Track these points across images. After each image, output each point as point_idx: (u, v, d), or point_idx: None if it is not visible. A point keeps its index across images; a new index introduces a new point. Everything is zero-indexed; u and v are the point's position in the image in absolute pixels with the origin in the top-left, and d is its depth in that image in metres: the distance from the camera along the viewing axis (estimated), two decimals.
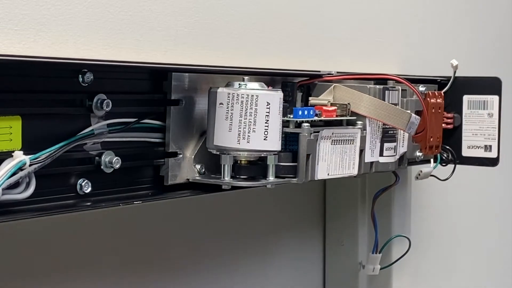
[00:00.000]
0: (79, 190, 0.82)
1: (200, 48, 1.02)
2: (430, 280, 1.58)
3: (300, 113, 0.94)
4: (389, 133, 1.07)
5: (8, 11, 0.81)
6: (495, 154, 1.24)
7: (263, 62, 1.11)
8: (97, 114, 0.82)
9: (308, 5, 1.20)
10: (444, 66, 1.24)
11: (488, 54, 1.71)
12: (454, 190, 1.58)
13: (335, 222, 1.36)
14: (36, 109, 0.77)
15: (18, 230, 0.90)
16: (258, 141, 0.87)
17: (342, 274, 1.36)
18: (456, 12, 1.60)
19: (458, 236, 1.66)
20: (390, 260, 1.31)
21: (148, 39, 0.95)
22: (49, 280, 0.95)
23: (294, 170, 0.94)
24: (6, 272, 0.91)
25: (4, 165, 0.73)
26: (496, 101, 1.24)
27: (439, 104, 1.19)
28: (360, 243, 1.34)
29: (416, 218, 1.44)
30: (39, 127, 0.78)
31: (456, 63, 1.22)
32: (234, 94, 0.87)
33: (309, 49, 1.20)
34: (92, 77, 0.80)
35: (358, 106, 1.01)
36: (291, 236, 1.31)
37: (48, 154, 0.76)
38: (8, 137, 0.75)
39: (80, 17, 0.88)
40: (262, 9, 1.11)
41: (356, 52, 1.30)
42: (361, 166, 1.03)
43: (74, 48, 0.87)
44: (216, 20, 1.04)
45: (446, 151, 1.25)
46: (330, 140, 0.97)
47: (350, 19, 1.28)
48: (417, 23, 1.46)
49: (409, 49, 1.43)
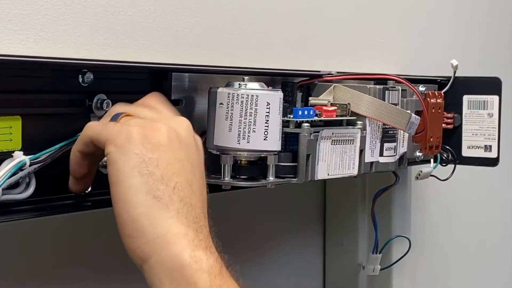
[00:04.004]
0: None
1: (200, 48, 1.02)
2: (430, 281, 1.58)
3: (300, 113, 0.94)
4: (389, 133, 1.07)
5: (8, 11, 0.81)
6: (495, 154, 1.24)
7: (263, 62, 1.11)
8: (97, 114, 0.82)
9: (308, 5, 1.20)
10: (444, 66, 1.24)
11: (488, 54, 1.71)
12: (454, 190, 1.58)
13: (335, 222, 1.36)
14: (36, 109, 0.77)
15: (18, 230, 0.90)
16: (258, 141, 0.87)
17: (342, 274, 1.36)
18: (456, 12, 1.60)
19: (458, 236, 1.66)
20: (390, 261, 1.31)
21: (148, 39, 0.95)
22: (49, 280, 0.95)
23: (294, 170, 0.94)
24: (6, 272, 0.91)
25: (4, 165, 0.73)
26: (496, 101, 1.24)
27: (439, 104, 1.19)
28: (360, 243, 1.34)
29: (416, 218, 1.44)
30: (39, 127, 0.78)
31: (456, 63, 1.21)
32: (234, 94, 0.87)
33: (309, 49, 1.20)
34: (92, 77, 0.80)
35: (358, 106, 1.01)
36: (291, 236, 1.31)
37: (48, 154, 0.76)
38: (8, 137, 0.75)
39: (80, 17, 0.88)
40: (262, 9, 1.11)
41: (356, 52, 1.30)
42: (361, 166, 1.03)
43: (74, 48, 0.87)
44: (216, 20, 1.04)
45: (446, 151, 1.25)
46: (330, 140, 0.97)
47: (350, 19, 1.28)
48: (417, 23, 1.46)
49: (409, 49, 1.43)
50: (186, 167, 0.73)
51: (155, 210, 0.70)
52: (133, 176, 0.70)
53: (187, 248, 0.69)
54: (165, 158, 0.72)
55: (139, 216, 0.70)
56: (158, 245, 0.69)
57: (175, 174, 0.72)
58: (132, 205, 0.70)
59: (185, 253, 0.69)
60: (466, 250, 1.69)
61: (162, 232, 0.69)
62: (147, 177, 0.70)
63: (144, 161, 0.71)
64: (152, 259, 0.70)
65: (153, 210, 0.70)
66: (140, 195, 0.70)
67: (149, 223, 0.70)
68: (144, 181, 0.70)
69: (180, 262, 0.69)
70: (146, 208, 0.70)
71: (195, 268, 0.68)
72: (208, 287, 0.68)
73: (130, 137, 0.72)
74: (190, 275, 0.68)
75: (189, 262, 0.68)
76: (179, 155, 0.73)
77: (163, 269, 0.69)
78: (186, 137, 0.75)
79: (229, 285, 0.69)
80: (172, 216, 0.70)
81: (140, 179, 0.70)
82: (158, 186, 0.70)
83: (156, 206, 0.70)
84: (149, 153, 0.71)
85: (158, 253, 0.69)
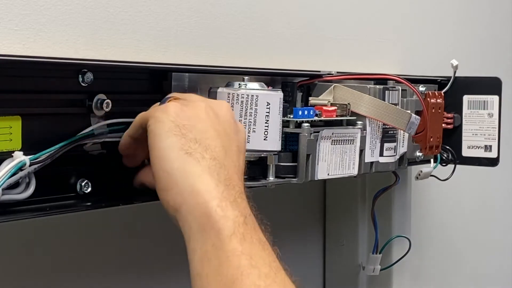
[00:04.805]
0: (79, 190, 0.82)
1: (200, 48, 1.02)
2: (430, 281, 1.58)
3: (300, 113, 0.94)
4: (389, 133, 1.07)
5: (8, 11, 0.81)
6: (495, 154, 1.24)
7: (263, 62, 1.11)
8: (97, 114, 0.82)
9: (308, 5, 1.20)
10: (444, 66, 1.24)
11: (488, 54, 1.71)
12: (454, 190, 1.58)
13: (335, 222, 1.36)
14: (36, 109, 0.77)
15: (18, 230, 0.90)
16: (258, 141, 0.87)
17: (342, 274, 1.36)
18: (456, 12, 1.60)
19: (458, 236, 1.66)
20: (390, 261, 1.31)
21: (148, 39, 0.95)
22: (49, 280, 0.95)
23: (294, 170, 0.94)
24: (6, 272, 0.91)
25: (4, 165, 0.73)
26: (496, 101, 1.24)
27: (439, 104, 1.19)
28: (360, 243, 1.34)
29: (416, 218, 1.44)
30: (39, 127, 0.78)
31: (456, 63, 1.21)
32: (234, 94, 0.87)
33: (309, 49, 1.20)
34: (92, 77, 0.80)
35: (358, 106, 1.01)
36: (291, 236, 1.31)
37: (48, 154, 0.76)
38: (8, 137, 0.75)
39: (80, 17, 0.88)
40: (262, 9, 1.11)
41: (356, 52, 1.30)
42: (361, 166, 1.03)
43: (74, 48, 0.87)
44: (216, 20, 1.04)
45: (446, 151, 1.25)
46: (330, 140, 0.97)
47: (350, 19, 1.28)
48: (417, 23, 1.46)
49: (409, 49, 1.43)
50: (222, 135, 0.78)
51: (187, 164, 0.75)
52: (167, 137, 0.76)
53: (215, 198, 0.73)
54: (200, 126, 0.77)
55: (172, 170, 0.75)
56: (188, 194, 0.74)
57: (209, 139, 0.77)
58: (166, 161, 0.75)
59: (212, 202, 0.73)
60: (466, 250, 1.69)
61: (192, 182, 0.74)
62: (180, 137, 0.76)
63: (178, 126, 0.76)
64: (183, 207, 0.74)
65: (185, 165, 0.75)
66: (174, 152, 0.75)
67: (181, 175, 0.75)
68: (177, 140, 0.76)
69: (208, 209, 0.73)
70: (178, 163, 0.75)
71: (220, 215, 0.72)
72: (231, 233, 0.72)
73: (167, 109, 0.78)
74: (215, 221, 0.72)
75: (215, 210, 0.73)
76: (215, 127, 0.78)
77: (193, 216, 0.73)
78: (225, 115, 0.81)
79: (252, 235, 0.73)
80: (203, 170, 0.75)
81: (173, 138, 0.76)
82: (191, 145, 0.76)
83: (188, 161, 0.75)
84: (184, 120, 0.77)
85: (188, 202, 0.74)
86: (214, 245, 0.72)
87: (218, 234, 0.72)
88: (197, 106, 0.79)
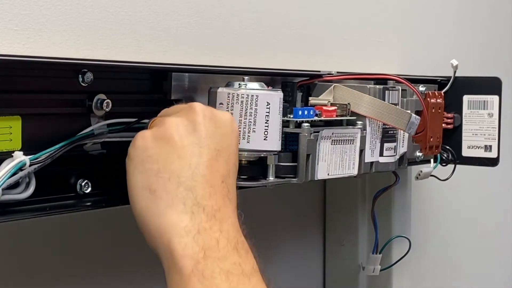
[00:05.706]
0: (79, 190, 0.82)
1: (200, 48, 1.02)
2: (430, 281, 1.58)
3: (300, 113, 0.94)
4: (389, 133, 1.07)
5: (8, 11, 0.81)
6: (495, 154, 1.24)
7: (263, 62, 1.11)
8: (97, 114, 0.82)
9: (308, 5, 1.20)
10: (444, 66, 1.24)
11: (488, 54, 1.71)
12: (454, 190, 1.58)
13: (335, 222, 1.36)
14: (36, 109, 0.77)
15: (18, 230, 0.90)
16: (258, 141, 0.87)
17: (342, 274, 1.36)
18: (456, 12, 1.60)
19: (458, 236, 1.66)
20: (391, 261, 1.31)
21: (148, 39, 0.95)
22: (49, 280, 0.95)
23: (294, 170, 0.94)
24: (6, 272, 0.91)
25: (4, 165, 0.73)
26: (496, 101, 1.24)
27: (439, 104, 1.19)
28: (360, 243, 1.34)
29: (416, 218, 1.44)
30: (39, 127, 0.78)
31: (456, 63, 1.21)
32: (234, 94, 0.87)
33: (309, 49, 1.20)
34: (92, 77, 0.80)
35: (358, 106, 1.01)
36: (291, 236, 1.31)
37: (48, 154, 0.76)
38: (8, 137, 0.75)
39: (80, 17, 0.88)
40: (262, 9, 1.11)
41: (356, 52, 1.30)
42: (361, 166, 1.03)
43: (74, 48, 0.87)
44: (216, 20, 1.04)
45: (446, 151, 1.25)
46: (330, 140, 0.97)
47: (350, 19, 1.28)
48: (417, 23, 1.46)
49: (409, 49, 1.43)
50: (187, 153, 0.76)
51: (150, 202, 0.75)
52: (133, 176, 0.77)
53: (176, 236, 0.73)
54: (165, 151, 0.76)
55: (141, 212, 0.76)
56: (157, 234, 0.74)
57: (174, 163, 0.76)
58: (134, 203, 0.76)
59: (174, 240, 0.73)
60: (466, 250, 1.69)
61: (159, 222, 0.74)
62: (144, 174, 0.76)
63: (143, 160, 0.76)
64: (157, 249, 0.75)
65: (149, 203, 0.75)
66: (138, 191, 0.76)
67: (148, 216, 0.75)
68: (141, 178, 0.76)
69: (170, 249, 0.73)
70: (143, 203, 0.75)
71: (180, 254, 0.73)
72: (190, 271, 0.72)
73: (134, 143, 0.78)
74: (177, 260, 0.73)
75: (176, 248, 0.73)
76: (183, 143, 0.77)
77: (164, 257, 0.74)
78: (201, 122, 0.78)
79: (213, 269, 0.72)
80: (167, 205, 0.74)
81: (138, 176, 0.76)
82: (154, 180, 0.75)
83: (151, 199, 0.75)
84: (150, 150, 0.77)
85: (157, 242, 0.74)
86: (178, 285, 0.72)
87: (180, 273, 0.72)
88: (168, 127, 0.77)
